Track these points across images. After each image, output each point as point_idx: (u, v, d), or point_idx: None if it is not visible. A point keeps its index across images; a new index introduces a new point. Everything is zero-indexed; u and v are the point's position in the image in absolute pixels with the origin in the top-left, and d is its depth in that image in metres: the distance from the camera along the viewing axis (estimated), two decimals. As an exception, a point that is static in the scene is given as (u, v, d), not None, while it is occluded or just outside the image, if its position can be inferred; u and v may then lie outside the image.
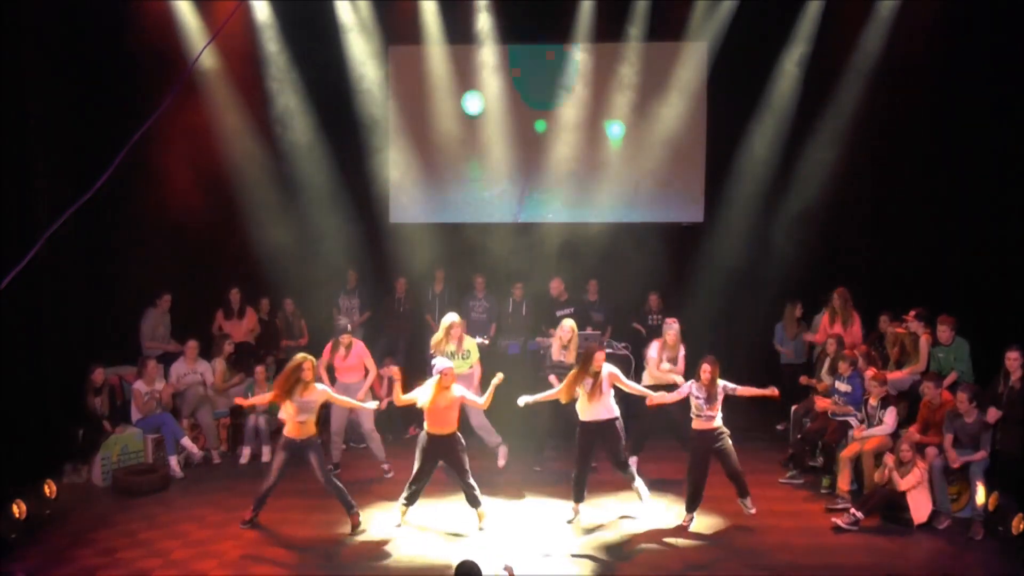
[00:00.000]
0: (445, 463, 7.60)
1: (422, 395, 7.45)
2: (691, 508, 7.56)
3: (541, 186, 11.71)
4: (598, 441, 7.66)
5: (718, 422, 7.45)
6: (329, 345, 8.91)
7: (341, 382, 8.79)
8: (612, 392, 7.60)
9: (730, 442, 7.48)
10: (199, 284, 10.68)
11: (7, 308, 7.49)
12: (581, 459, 7.64)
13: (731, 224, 11.22)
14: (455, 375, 7.58)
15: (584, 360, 7.51)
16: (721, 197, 11.31)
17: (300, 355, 7.51)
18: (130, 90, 9.61)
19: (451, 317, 8.80)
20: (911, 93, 10.08)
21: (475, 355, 8.82)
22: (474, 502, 7.54)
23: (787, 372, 10.22)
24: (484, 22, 11.05)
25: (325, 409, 9.64)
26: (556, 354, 9.03)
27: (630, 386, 7.73)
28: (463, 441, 7.57)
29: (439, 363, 7.52)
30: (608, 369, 7.56)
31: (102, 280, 9.80)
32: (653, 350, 8.92)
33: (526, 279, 11.11)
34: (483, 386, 8.69)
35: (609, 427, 7.59)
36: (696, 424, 7.48)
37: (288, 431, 7.44)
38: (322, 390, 7.59)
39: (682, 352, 8.94)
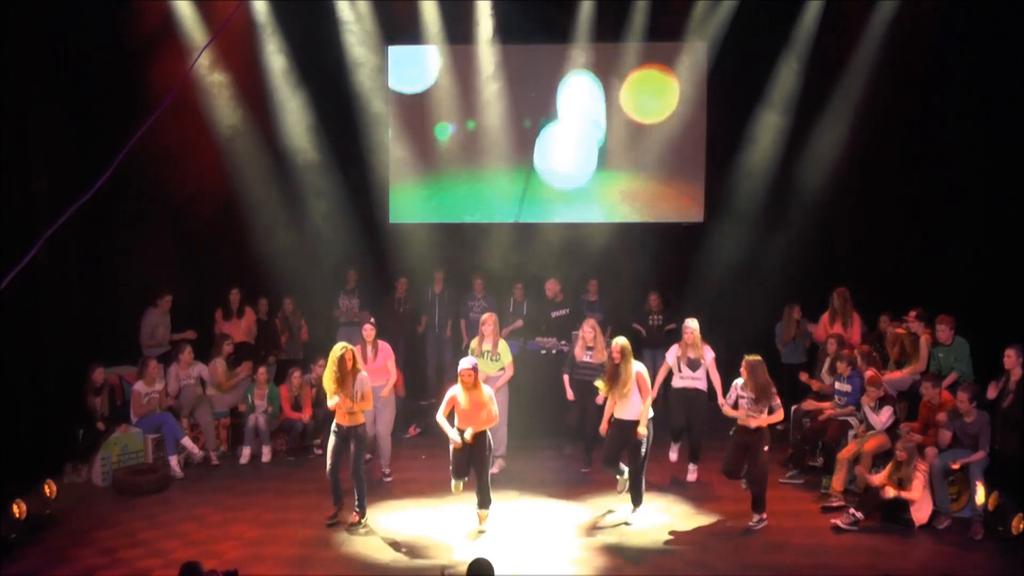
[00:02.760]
0: (471, 460, 7.47)
1: (454, 399, 7.44)
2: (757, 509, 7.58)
3: (541, 186, 11.71)
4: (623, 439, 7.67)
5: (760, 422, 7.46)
6: (358, 348, 8.29)
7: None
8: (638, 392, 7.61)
9: (764, 448, 7.42)
10: (199, 284, 10.67)
11: (7, 308, 7.49)
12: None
13: (731, 224, 11.21)
14: (472, 374, 7.37)
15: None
16: (721, 197, 11.31)
17: (339, 346, 7.42)
18: (130, 90, 9.62)
19: (485, 315, 8.89)
20: (911, 93, 10.09)
21: (505, 359, 8.74)
22: (482, 503, 7.51)
23: (787, 372, 10.22)
24: (484, 22, 11.04)
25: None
26: (580, 355, 8.96)
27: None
28: (492, 442, 7.56)
29: (462, 362, 7.48)
30: (637, 368, 7.62)
31: (102, 280, 9.81)
32: (671, 355, 8.79)
33: (526, 279, 11.12)
34: (515, 389, 8.97)
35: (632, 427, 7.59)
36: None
37: (338, 419, 7.42)
38: (365, 377, 7.50)
39: (710, 355, 8.63)
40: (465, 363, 7.40)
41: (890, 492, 7.41)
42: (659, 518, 7.72)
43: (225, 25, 9.87)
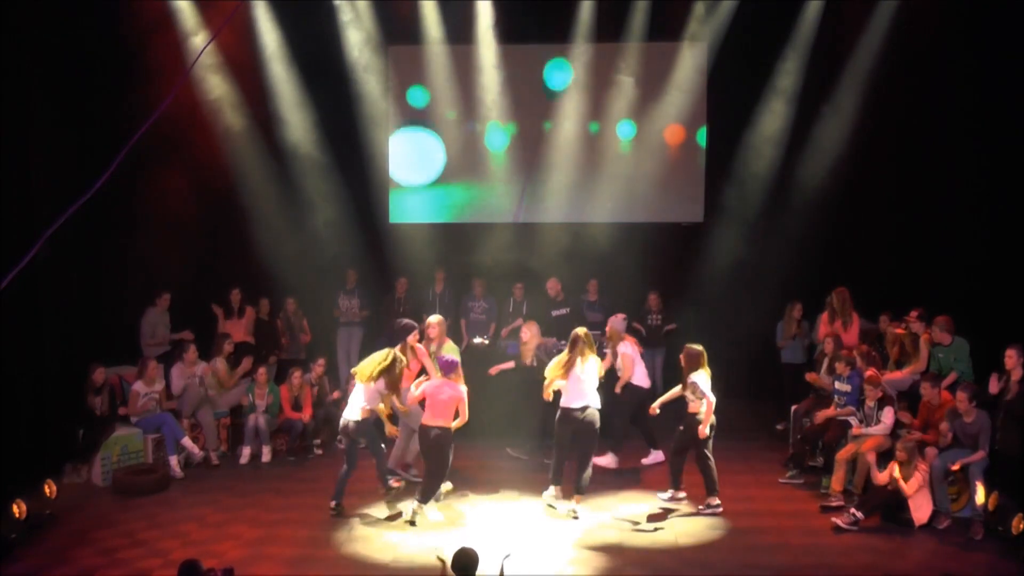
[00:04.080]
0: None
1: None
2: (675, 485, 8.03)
3: (541, 186, 11.71)
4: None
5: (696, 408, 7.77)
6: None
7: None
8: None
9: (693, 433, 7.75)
10: (199, 284, 10.67)
11: (7, 308, 7.49)
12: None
13: (731, 224, 11.22)
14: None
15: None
16: (721, 197, 11.31)
17: (391, 352, 7.67)
18: (130, 90, 9.61)
19: (431, 318, 8.74)
20: (911, 93, 10.10)
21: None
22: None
23: (787, 372, 10.23)
24: (484, 22, 11.05)
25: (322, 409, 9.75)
26: (527, 357, 9.10)
27: None
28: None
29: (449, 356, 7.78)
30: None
31: (102, 280, 9.80)
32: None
33: (526, 279, 11.12)
34: (517, 390, 9.00)
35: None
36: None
37: (365, 415, 7.66)
38: None
39: (624, 349, 8.86)
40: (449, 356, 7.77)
41: (889, 480, 7.44)
42: (658, 518, 7.71)
43: (225, 25, 9.88)
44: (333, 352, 10.99)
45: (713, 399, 7.66)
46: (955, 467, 7.47)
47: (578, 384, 7.58)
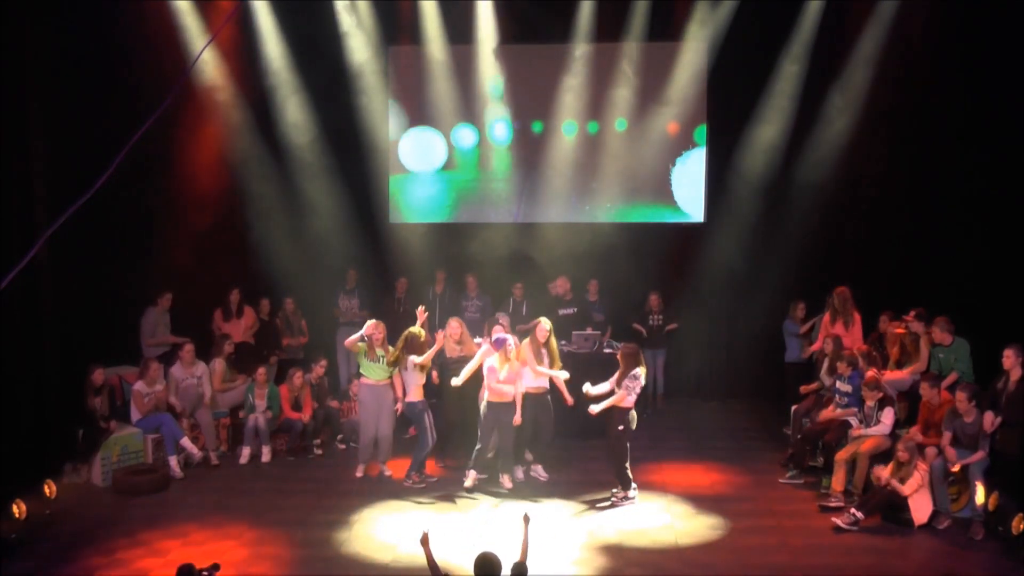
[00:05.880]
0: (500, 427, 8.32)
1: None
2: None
3: (541, 185, 11.71)
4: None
5: (625, 403, 7.92)
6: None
7: None
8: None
9: (619, 428, 7.90)
10: (199, 284, 10.67)
11: (7, 308, 7.49)
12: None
13: (731, 224, 11.22)
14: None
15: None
16: (721, 197, 11.31)
17: (415, 329, 8.47)
18: (130, 90, 9.60)
19: (368, 322, 8.74)
20: (911, 93, 10.10)
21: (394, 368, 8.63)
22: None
23: (790, 371, 10.22)
24: (484, 22, 11.05)
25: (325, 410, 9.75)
26: (451, 351, 9.02)
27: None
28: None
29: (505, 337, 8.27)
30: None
31: (102, 280, 9.80)
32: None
33: (526, 279, 11.12)
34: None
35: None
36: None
37: (415, 396, 8.44)
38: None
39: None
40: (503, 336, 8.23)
41: (889, 480, 7.43)
42: (659, 518, 7.72)
43: (225, 25, 9.88)
44: (333, 352, 10.99)
45: (634, 396, 7.92)
46: (954, 468, 7.47)
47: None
